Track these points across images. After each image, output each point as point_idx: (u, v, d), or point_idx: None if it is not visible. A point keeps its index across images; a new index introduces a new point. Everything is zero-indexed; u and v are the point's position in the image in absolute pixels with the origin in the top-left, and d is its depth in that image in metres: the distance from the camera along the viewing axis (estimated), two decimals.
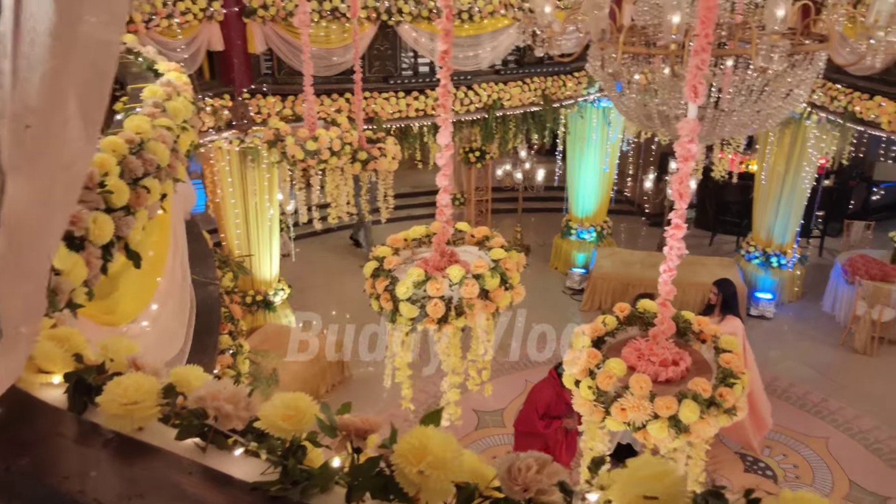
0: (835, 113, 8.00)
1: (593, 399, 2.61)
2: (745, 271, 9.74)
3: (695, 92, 2.38)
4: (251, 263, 8.25)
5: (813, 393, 7.76)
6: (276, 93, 7.57)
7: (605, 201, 10.54)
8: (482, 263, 2.94)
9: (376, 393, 7.56)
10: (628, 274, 9.47)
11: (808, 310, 9.68)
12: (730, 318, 6.27)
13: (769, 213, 9.52)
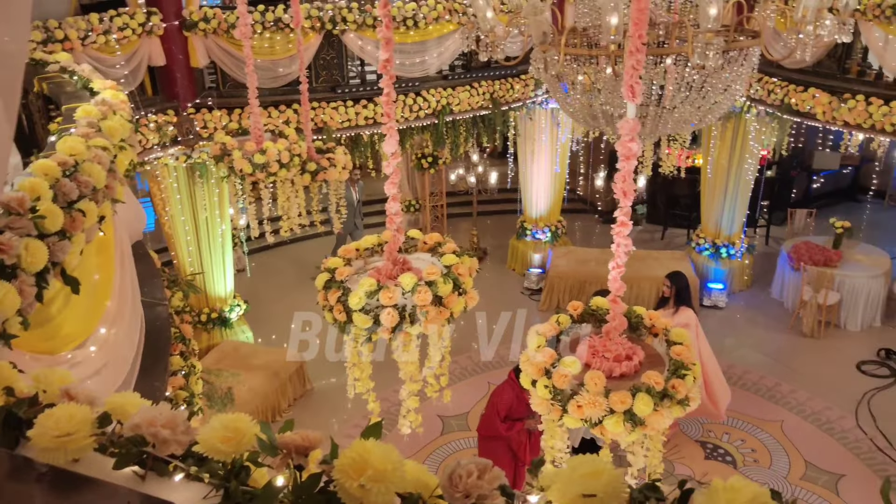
0: (772, 106, 8.26)
1: (550, 398, 2.63)
2: (696, 263, 9.96)
3: (632, 92, 2.42)
4: (204, 281, 8.10)
5: (766, 378, 7.97)
6: (221, 106, 7.45)
7: (557, 201, 10.66)
8: (434, 270, 2.94)
9: (340, 404, 7.49)
10: (584, 272, 9.59)
11: (758, 297, 9.95)
12: (683, 310, 6.39)
13: (716, 206, 9.75)
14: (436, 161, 11.10)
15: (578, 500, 0.82)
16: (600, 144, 12.13)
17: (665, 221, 12.39)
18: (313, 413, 7.61)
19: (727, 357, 8.39)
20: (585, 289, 9.43)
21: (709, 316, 9.40)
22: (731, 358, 8.40)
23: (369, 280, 2.87)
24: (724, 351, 8.55)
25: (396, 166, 3.02)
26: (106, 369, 2.54)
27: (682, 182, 11.30)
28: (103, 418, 1.13)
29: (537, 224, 10.64)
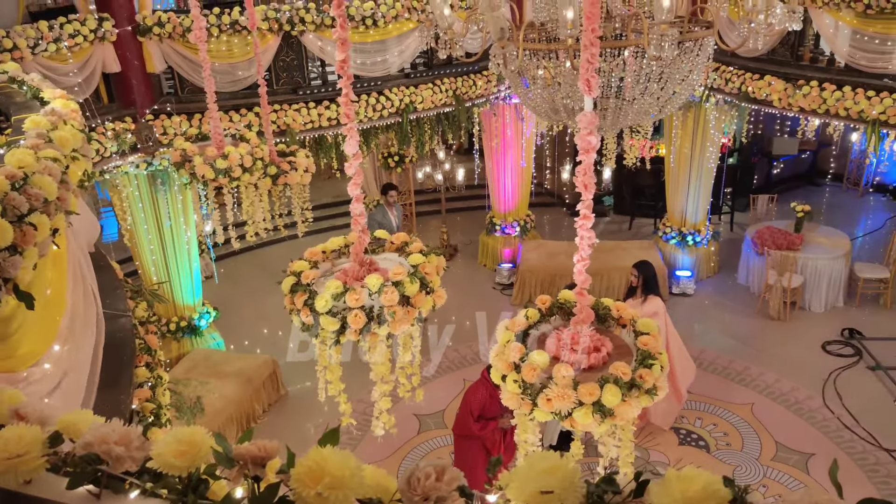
0: (730, 94, 8.39)
1: (520, 392, 2.64)
2: (663, 251, 10.09)
3: (588, 85, 2.44)
4: (171, 289, 7.97)
5: (736, 361, 8.11)
6: (180, 112, 7.33)
7: (525, 195, 10.72)
8: (401, 270, 2.94)
9: (315, 408, 7.44)
10: (554, 265, 9.66)
11: (725, 283, 10.12)
12: (652, 298, 6.47)
13: (681, 194, 9.89)
14: (402, 160, 11.06)
15: (536, 496, 0.82)
16: (565, 138, 12.22)
17: (632, 212, 12.53)
18: (288, 418, 7.54)
19: (698, 342, 8.52)
20: (556, 282, 9.50)
21: (678, 303, 9.53)
22: (701, 343, 8.53)
23: (335, 282, 2.86)
24: (694, 337, 8.68)
25: (359, 167, 3.01)
26: (62, 386, 2.49)
27: (647, 172, 11.45)
28: (54, 438, 1.10)
29: (506, 219, 10.68)
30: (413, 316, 2.92)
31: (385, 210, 9.00)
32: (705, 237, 10.04)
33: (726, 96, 8.54)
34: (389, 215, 8.96)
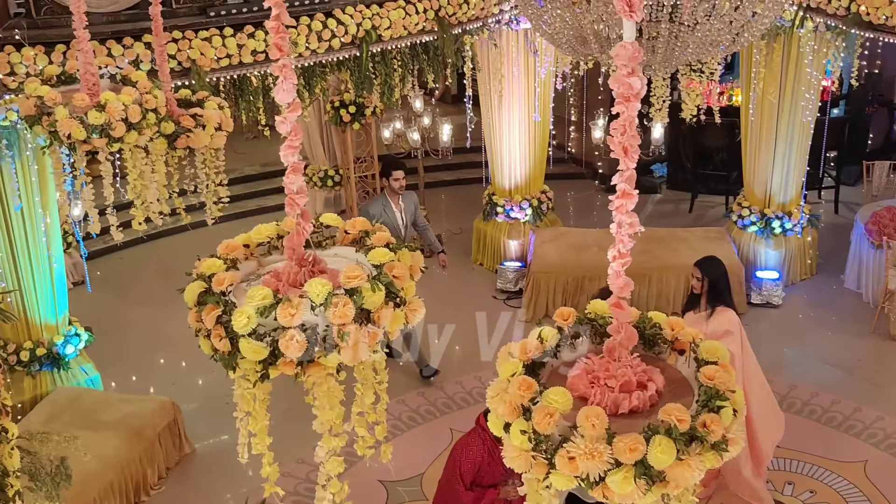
0: (835, 16, 8.43)
1: (530, 448, 2.66)
2: (739, 244, 10.18)
3: (629, 5, 2.45)
4: (20, 301, 7.92)
5: (842, 402, 8.20)
6: (35, 41, 7.27)
7: (540, 163, 10.75)
8: (358, 272, 2.94)
9: (235, 472, 7.42)
10: (581, 264, 9.71)
11: (826, 288, 10.22)
12: (721, 311, 6.52)
13: (764, 161, 9.96)
14: (361, 112, 11.04)
15: None
16: (597, 80, 12.26)
17: (693, 187, 12.62)
18: (196, 486, 7.52)
19: (786, 375, 8.60)
20: (584, 288, 9.56)
21: (759, 318, 9.61)
22: (792, 375, 8.61)
23: (262, 290, 2.86)
24: (781, 366, 8.76)
25: (298, 122, 3.01)
26: None
27: (715, 130, 11.51)
28: None
29: (512, 197, 10.72)
30: (376, 339, 2.92)
31: (387, 201, 8.50)
32: (799, 223, 10.13)
33: (829, 20, 8.58)
34: (393, 209, 8.50)
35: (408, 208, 8.58)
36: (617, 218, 2.68)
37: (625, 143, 2.57)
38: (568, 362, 3.07)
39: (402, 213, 8.53)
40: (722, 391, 2.77)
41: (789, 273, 10.24)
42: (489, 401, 2.82)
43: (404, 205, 8.55)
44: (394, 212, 8.47)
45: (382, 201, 8.52)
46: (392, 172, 8.43)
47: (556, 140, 13.17)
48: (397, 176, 8.42)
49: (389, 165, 8.60)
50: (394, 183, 8.43)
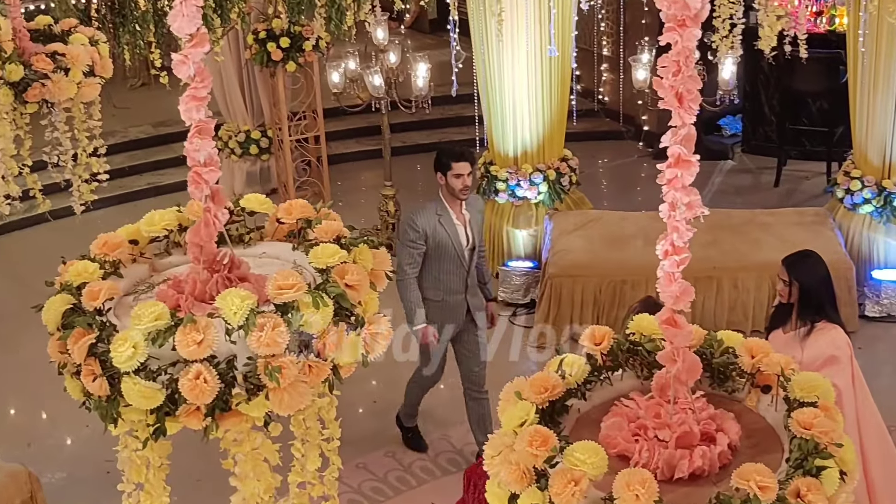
0: None
1: None
2: (846, 230, 10.18)
3: None
4: None
5: None
6: None
7: (559, 118, 10.73)
8: (295, 280, 2.95)
9: None
10: (621, 261, 9.70)
11: None
12: (823, 329, 6.51)
13: (882, 112, 9.96)
14: (298, 47, 11.00)
15: None
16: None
17: (781, 149, 12.63)
18: None
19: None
20: (626, 297, 9.53)
21: (876, 337, 9.63)
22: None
23: (155, 307, 2.86)
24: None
25: (205, 63, 3.01)
26: None
27: (811, 67, 11.53)
28: None
29: (519, 168, 10.70)
30: (321, 376, 2.92)
31: (443, 209, 7.81)
32: None
33: None
34: (454, 221, 7.87)
35: (474, 220, 7.97)
36: (670, 196, 2.69)
37: (679, 88, 2.58)
38: (602, 405, 3.09)
39: (468, 227, 7.86)
40: (824, 445, 2.79)
41: None
42: (487, 462, 2.83)
43: (469, 215, 7.89)
44: (454, 225, 7.76)
45: (437, 208, 7.79)
46: (451, 165, 7.66)
47: (582, 84, 13.20)
48: (459, 170, 7.66)
49: (447, 155, 7.80)
50: (454, 181, 7.67)
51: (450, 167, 7.64)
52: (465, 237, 7.81)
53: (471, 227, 7.86)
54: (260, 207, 3.48)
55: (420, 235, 7.54)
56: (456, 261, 7.75)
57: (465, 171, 7.66)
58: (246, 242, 3.41)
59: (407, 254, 7.62)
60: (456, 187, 7.67)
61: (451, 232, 7.73)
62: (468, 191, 7.78)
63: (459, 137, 12.77)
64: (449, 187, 7.71)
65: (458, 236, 7.76)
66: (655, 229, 2.76)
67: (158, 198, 12.16)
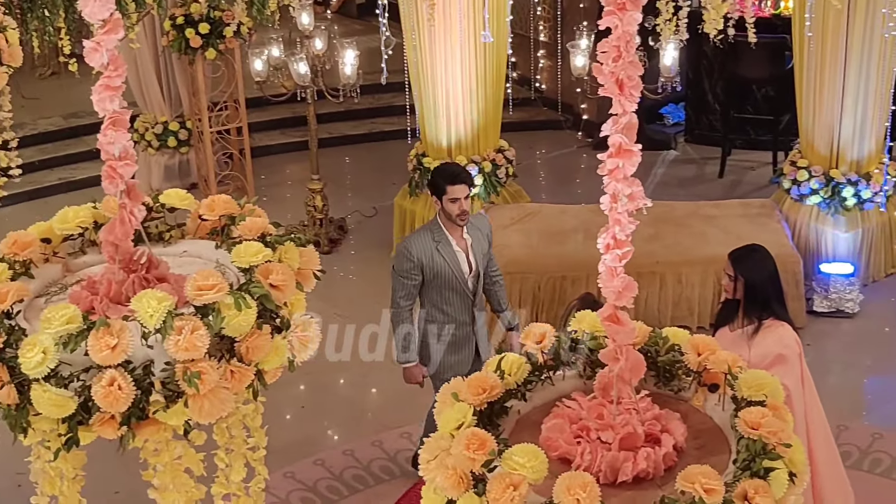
0: None
1: None
2: (793, 222, 10.28)
3: None
4: None
5: None
6: None
7: (494, 107, 10.75)
8: (215, 280, 2.93)
9: None
10: (560, 256, 9.73)
11: None
12: (771, 327, 6.56)
13: (828, 99, 10.06)
14: (218, 33, 10.93)
15: None
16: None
17: (726, 138, 12.72)
18: None
19: (867, 418, 8.71)
20: (566, 293, 9.55)
21: (825, 334, 9.74)
22: (875, 419, 8.72)
23: (66, 310, 2.83)
24: (857, 406, 8.87)
25: (119, 50, 2.98)
26: None
27: (756, 53, 11.64)
28: None
29: (453, 160, 10.69)
30: (244, 382, 2.91)
31: (441, 234, 7.43)
32: (881, 191, 10.26)
33: None
34: (453, 247, 7.50)
35: (478, 245, 7.53)
36: (611, 187, 2.70)
37: (619, 74, 2.59)
38: (543, 406, 3.09)
39: (470, 252, 7.47)
40: (772, 446, 2.82)
41: (869, 266, 10.39)
42: (423, 467, 2.83)
43: (471, 239, 7.48)
44: (454, 251, 7.40)
45: (434, 234, 7.42)
46: (446, 188, 7.25)
47: (518, 72, 13.22)
48: (455, 194, 7.24)
49: (442, 177, 7.42)
50: (450, 206, 7.27)
51: (444, 191, 7.22)
52: (468, 264, 7.44)
53: (473, 253, 7.45)
54: (181, 203, 3.46)
55: (415, 266, 7.21)
56: (459, 290, 7.41)
57: (461, 194, 7.22)
58: (166, 240, 3.39)
59: (400, 285, 7.25)
60: (452, 213, 7.25)
61: (450, 261, 7.38)
62: (466, 216, 7.31)
63: (390, 128, 12.78)
64: (444, 212, 7.32)
65: (460, 265, 7.40)
66: (596, 223, 2.77)
67: (70, 194, 12.01)
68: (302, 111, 11.81)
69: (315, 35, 11.27)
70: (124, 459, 3.19)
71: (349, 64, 11.03)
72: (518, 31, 12.54)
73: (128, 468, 7.06)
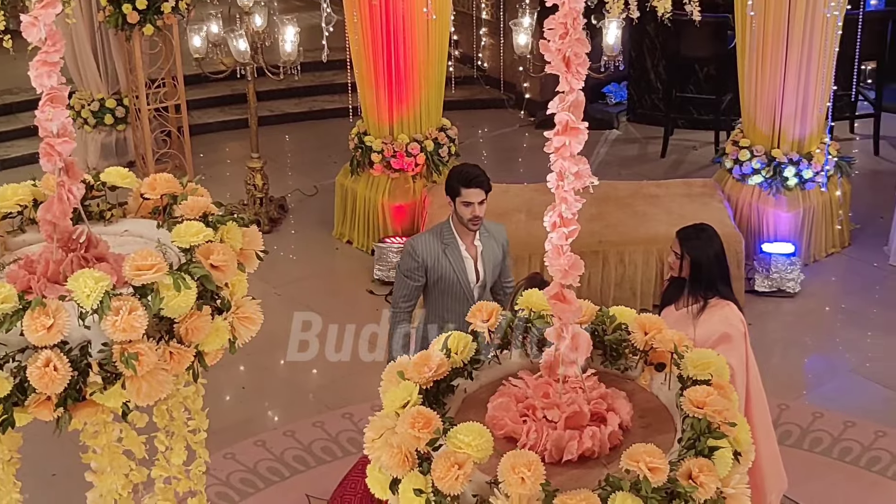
0: None
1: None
2: (735, 202, 10.37)
3: None
4: None
5: (887, 435, 8.40)
6: None
7: (437, 85, 10.72)
8: (154, 260, 2.90)
9: None
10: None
11: (864, 266, 10.53)
12: (717, 306, 6.58)
13: (770, 79, 10.12)
14: (156, 9, 10.81)
15: None
16: None
17: (668, 118, 12.76)
18: None
19: (808, 398, 8.79)
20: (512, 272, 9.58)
21: (766, 313, 9.85)
22: (815, 398, 8.79)
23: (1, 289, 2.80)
24: (798, 385, 8.97)
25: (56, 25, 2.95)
26: None
27: (698, 33, 11.68)
28: None
29: (395, 139, 10.67)
30: (183, 364, 2.89)
31: (451, 238, 7.12)
32: (823, 170, 10.34)
33: None
34: (462, 254, 7.15)
35: (489, 254, 7.16)
36: (557, 165, 2.69)
37: (566, 52, 2.58)
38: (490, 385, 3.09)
39: (479, 260, 7.11)
40: (717, 424, 2.83)
41: (810, 245, 10.50)
42: (368, 446, 2.82)
43: (482, 247, 7.12)
44: (462, 259, 7.05)
45: (443, 236, 7.10)
46: (460, 190, 6.91)
47: (461, 50, 13.19)
48: (469, 198, 6.89)
49: (458, 178, 7.02)
50: (462, 209, 6.93)
51: (458, 192, 6.89)
52: (475, 273, 7.09)
53: (483, 262, 7.09)
54: (122, 182, 3.42)
55: (419, 266, 6.92)
56: (462, 299, 6.96)
57: (476, 198, 6.86)
58: (107, 219, 3.35)
59: (403, 284, 6.99)
60: (465, 216, 6.91)
61: (457, 266, 7.04)
62: (479, 221, 6.95)
63: (331, 106, 12.73)
64: (457, 216, 7.00)
65: (466, 272, 7.06)
66: (539, 202, 2.77)
67: (5, 172, 11.89)
68: (241, 89, 11.74)
69: (255, 11, 11.18)
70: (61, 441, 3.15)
71: (289, 41, 10.96)
72: (460, 9, 12.54)
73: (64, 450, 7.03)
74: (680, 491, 2.66)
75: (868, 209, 11.07)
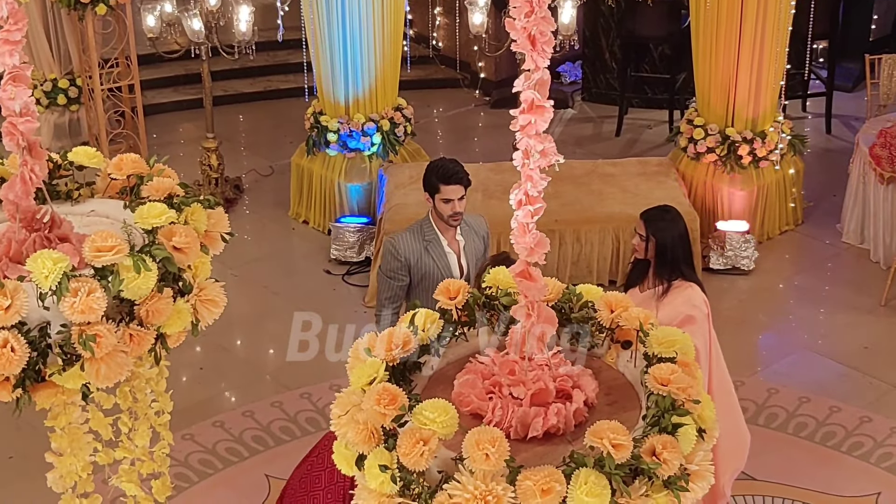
0: None
1: (395, 493, 2.67)
2: (689, 180, 10.43)
3: None
4: None
5: (843, 409, 8.47)
6: None
7: (392, 64, 10.70)
8: (114, 241, 2.88)
9: None
10: None
11: (817, 243, 10.62)
12: (680, 288, 6.60)
13: (724, 58, 10.16)
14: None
15: None
16: None
17: (622, 97, 12.79)
18: None
19: (762, 374, 8.86)
20: None
21: (721, 291, 9.90)
22: (769, 375, 8.87)
23: None
24: (753, 361, 9.06)
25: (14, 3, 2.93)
26: None
27: (652, 12, 11.70)
28: None
29: (351, 118, 10.65)
30: (145, 345, 2.87)
31: (433, 235, 7.05)
32: (776, 148, 10.40)
33: None
34: (444, 249, 7.09)
35: (471, 247, 7.09)
36: (523, 143, 2.69)
37: (531, 30, 2.57)
38: (457, 362, 3.09)
39: (462, 255, 7.04)
40: (681, 402, 2.84)
41: (764, 223, 10.58)
42: (334, 422, 2.82)
43: (464, 241, 7.04)
44: (445, 255, 6.98)
45: (424, 234, 7.00)
46: (440, 187, 6.83)
47: (415, 29, 13.16)
48: (448, 194, 6.82)
49: (437, 174, 6.91)
50: (442, 206, 6.85)
51: (437, 189, 6.81)
52: (459, 268, 7.03)
53: (466, 256, 7.03)
54: (89, 162, 3.39)
55: (402, 265, 6.81)
56: None
57: (455, 195, 6.80)
58: (74, 199, 3.32)
59: (387, 286, 6.87)
60: (445, 213, 6.85)
61: (440, 262, 6.96)
62: (460, 217, 6.89)
63: (286, 86, 12.68)
64: (436, 212, 6.92)
65: (450, 267, 6.97)
66: (495, 182, 2.79)
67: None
68: (196, 68, 11.66)
69: None
70: (18, 423, 3.14)
71: (244, 20, 10.90)
72: None
73: (21, 432, 7.01)
74: (643, 467, 2.67)
75: (820, 187, 11.15)
